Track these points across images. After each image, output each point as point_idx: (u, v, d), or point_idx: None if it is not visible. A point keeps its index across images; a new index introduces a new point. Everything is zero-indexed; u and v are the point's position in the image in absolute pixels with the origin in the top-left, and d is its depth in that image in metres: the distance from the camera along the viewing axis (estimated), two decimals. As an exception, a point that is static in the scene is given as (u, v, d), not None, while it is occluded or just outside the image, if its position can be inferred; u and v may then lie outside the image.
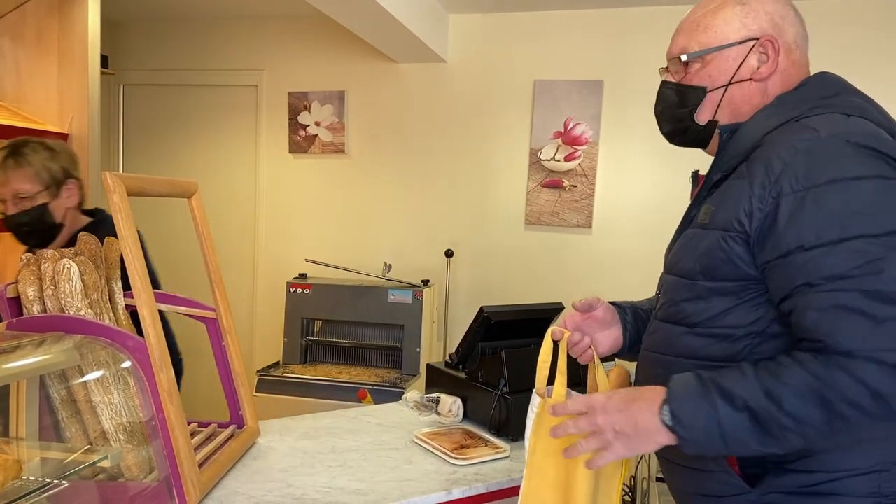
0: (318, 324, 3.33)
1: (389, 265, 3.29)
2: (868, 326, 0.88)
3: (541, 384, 1.20)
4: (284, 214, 3.93)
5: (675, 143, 1.23)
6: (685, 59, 1.14)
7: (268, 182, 3.94)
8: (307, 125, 3.81)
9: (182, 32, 4.02)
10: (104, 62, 3.04)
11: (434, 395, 2.03)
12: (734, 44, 1.11)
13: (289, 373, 3.09)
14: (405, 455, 1.69)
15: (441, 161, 3.66)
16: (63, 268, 1.34)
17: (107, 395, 1.35)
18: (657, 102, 1.22)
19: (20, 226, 1.95)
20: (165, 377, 1.30)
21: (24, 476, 1.13)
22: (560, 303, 2.05)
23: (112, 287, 1.53)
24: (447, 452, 1.66)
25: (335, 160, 3.82)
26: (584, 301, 1.26)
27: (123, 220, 1.30)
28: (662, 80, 1.20)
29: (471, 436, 1.81)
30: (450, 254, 3.53)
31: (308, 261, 3.37)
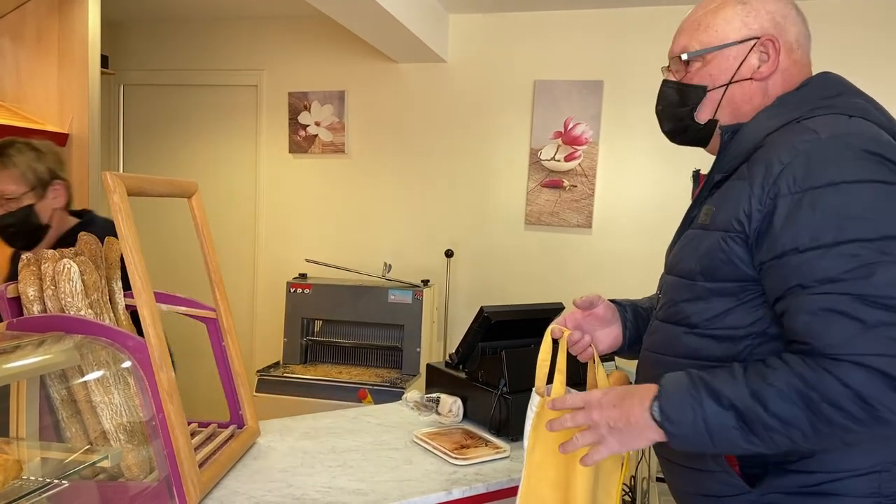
0: (319, 324, 3.33)
1: (389, 265, 3.29)
2: (856, 330, 0.88)
3: (540, 383, 1.20)
4: (284, 214, 3.93)
5: (676, 142, 1.24)
6: (686, 58, 1.15)
7: (268, 182, 3.95)
8: (307, 125, 3.81)
9: (182, 32, 4.02)
10: (104, 62, 3.04)
11: (434, 395, 2.03)
12: (735, 43, 1.11)
13: (289, 373, 3.09)
14: (405, 455, 1.69)
15: (441, 161, 3.66)
16: (63, 268, 1.34)
17: (107, 395, 1.35)
18: (658, 101, 1.22)
19: (6, 227, 1.93)
20: (165, 377, 1.30)
21: (25, 476, 1.13)
22: (560, 303, 2.05)
23: (112, 287, 1.53)
24: (447, 452, 1.66)
25: (335, 160, 3.82)
26: (585, 298, 1.26)
27: (124, 220, 1.30)
28: (663, 79, 1.21)
29: (471, 436, 1.81)
30: (450, 254, 3.53)
31: (308, 261, 3.37)
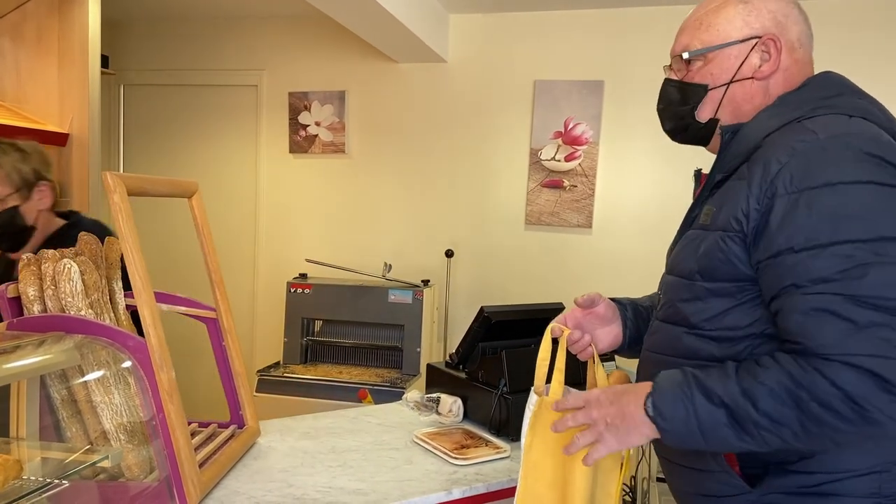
0: (319, 324, 3.33)
1: (390, 265, 3.29)
2: (847, 330, 0.88)
3: (539, 382, 1.20)
4: (285, 214, 3.93)
5: (677, 141, 1.24)
6: (687, 57, 1.15)
7: (268, 182, 3.94)
8: (307, 125, 3.81)
9: (182, 32, 4.02)
10: (104, 62, 3.04)
11: (434, 395, 2.03)
12: (736, 42, 1.11)
13: (289, 373, 3.09)
14: (405, 455, 1.69)
15: (441, 161, 3.66)
16: (64, 268, 1.34)
17: (107, 395, 1.35)
18: (659, 100, 1.22)
19: None
20: (166, 377, 1.30)
21: (25, 476, 1.13)
22: (560, 303, 2.05)
23: (112, 287, 1.53)
24: (447, 452, 1.66)
25: (335, 160, 3.82)
26: (586, 296, 1.26)
27: (124, 220, 1.30)
28: (665, 78, 1.21)
29: (471, 436, 1.81)
30: (450, 254, 3.53)
31: (308, 261, 3.37)
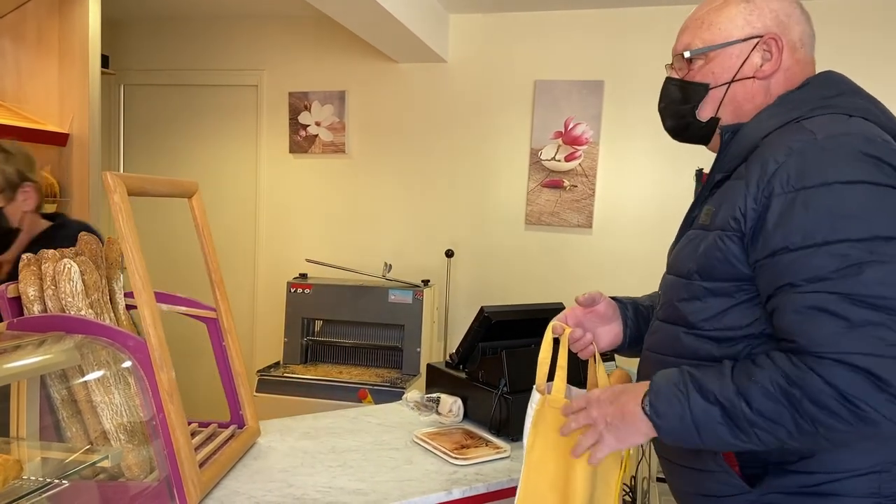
0: (319, 324, 3.33)
1: (390, 265, 3.29)
2: (842, 329, 0.88)
3: (541, 380, 1.21)
4: (285, 214, 3.93)
5: (678, 140, 1.24)
6: (688, 56, 1.15)
7: (268, 182, 3.95)
8: (307, 125, 3.81)
9: (182, 32, 4.02)
10: (105, 62, 3.04)
11: (434, 395, 2.03)
12: (738, 41, 1.11)
13: (289, 373, 3.09)
14: (405, 455, 1.69)
15: (441, 161, 3.66)
16: (64, 267, 1.34)
17: (107, 395, 1.35)
18: (661, 98, 1.23)
19: None
20: (166, 377, 1.30)
21: (25, 476, 1.13)
22: (560, 303, 2.05)
23: (112, 287, 1.53)
24: (447, 452, 1.66)
25: (335, 160, 3.82)
26: (588, 295, 1.26)
27: (124, 220, 1.30)
28: (666, 77, 1.21)
29: (471, 436, 1.81)
30: (450, 254, 3.53)
31: (308, 261, 3.37)
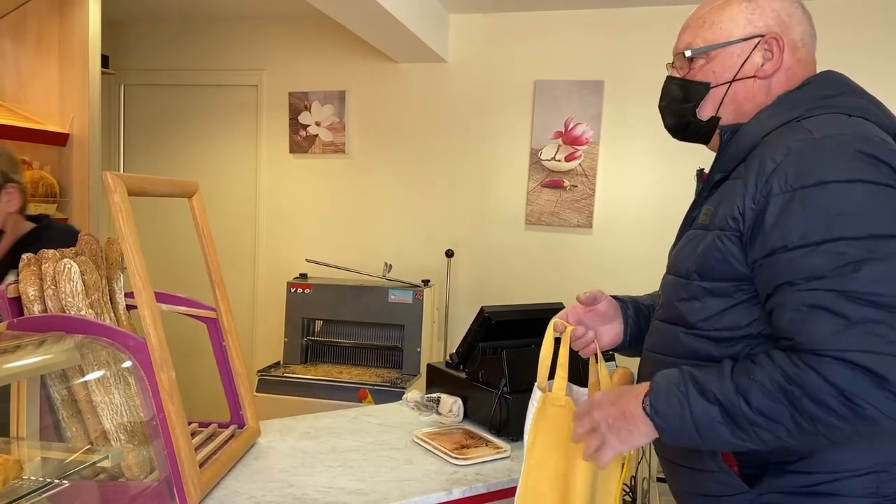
0: (319, 324, 3.33)
1: (390, 265, 3.29)
2: (839, 326, 0.88)
3: (542, 378, 1.20)
4: (285, 214, 3.94)
5: (678, 138, 1.24)
6: (689, 55, 1.15)
7: (268, 182, 3.95)
8: (308, 125, 3.81)
9: (183, 32, 4.02)
10: (105, 62, 3.04)
11: (434, 395, 2.03)
12: (739, 40, 1.11)
13: (289, 373, 3.09)
14: (406, 455, 1.69)
15: (441, 161, 3.66)
16: (64, 267, 1.34)
17: (107, 395, 1.35)
18: (661, 97, 1.23)
19: None
20: (166, 377, 1.30)
21: (25, 476, 1.13)
22: (560, 303, 2.05)
23: (113, 287, 1.53)
24: (448, 452, 1.66)
25: (335, 160, 3.82)
26: (589, 294, 1.26)
27: (124, 220, 1.30)
28: (667, 76, 1.21)
29: (471, 436, 1.81)
30: (450, 254, 3.53)
31: (308, 261, 3.37)
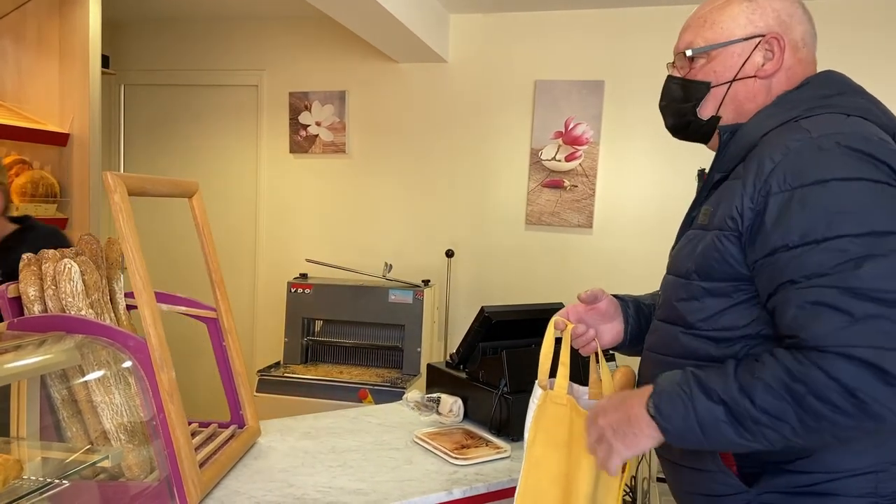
0: (319, 324, 3.33)
1: (390, 265, 3.29)
2: (843, 322, 0.88)
3: (543, 376, 1.20)
4: (285, 214, 3.94)
5: (679, 138, 1.24)
6: (690, 55, 1.15)
7: (268, 182, 3.95)
8: (308, 125, 3.81)
9: (183, 32, 4.02)
10: (105, 62, 3.04)
11: (435, 395, 2.03)
12: (740, 40, 1.11)
13: (289, 373, 3.09)
14: (406, 455, 1.69)
15: (441, 161, 3.66)
16: (64, 267, 1.34)
17: (108, 395, 1.35)
18: (662, 96, 1.23)
19: None
20: (166, 377, 1.30)
21: (25, 476, 1.13)
22: (560, 303, 2.05)
23: (113, 287, 1.53)
24: (448, 452, 1.66)
25: (336, 160, 3.82)
26: (590, 292, 1.26)
27: (124, 220, 1.30)
28: (668, 75, 1.21)
29: (471, 436, 1.81)
30: (450, 254, 3.53)
31: (309, 261, 3.37)
